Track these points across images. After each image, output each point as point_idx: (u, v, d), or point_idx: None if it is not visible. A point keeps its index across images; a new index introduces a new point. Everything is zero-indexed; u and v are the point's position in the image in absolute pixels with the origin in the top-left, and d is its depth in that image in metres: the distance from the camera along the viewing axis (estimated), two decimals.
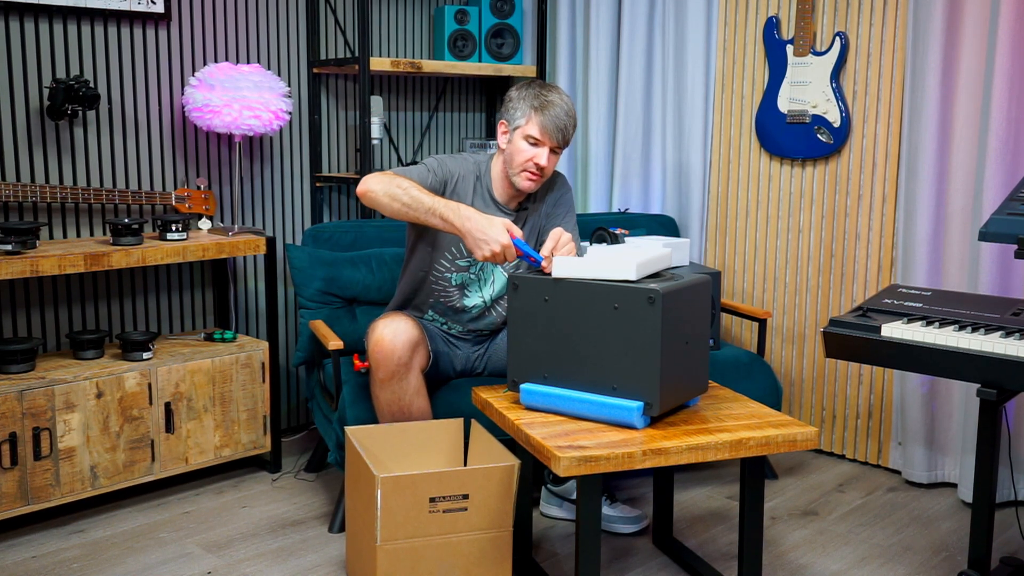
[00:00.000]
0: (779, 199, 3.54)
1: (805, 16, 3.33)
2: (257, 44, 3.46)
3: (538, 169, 2.64)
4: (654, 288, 2.06)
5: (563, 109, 2.62)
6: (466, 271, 2.76)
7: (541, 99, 2.62)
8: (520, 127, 2.64)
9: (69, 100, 2.87)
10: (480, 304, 2.80)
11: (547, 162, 2.63)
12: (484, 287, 2.79)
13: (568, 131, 2.64)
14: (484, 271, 2.78)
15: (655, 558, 2.68)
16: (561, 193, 2.85)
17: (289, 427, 3.67)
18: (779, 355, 3.59)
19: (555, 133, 2.61)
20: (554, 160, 2.66)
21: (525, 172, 2.65)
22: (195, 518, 2.92)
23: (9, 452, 2.65)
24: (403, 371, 2.54)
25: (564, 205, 2.84)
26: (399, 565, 2.27)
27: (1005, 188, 2.88)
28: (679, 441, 2.04)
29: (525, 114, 2.63)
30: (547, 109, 2.60)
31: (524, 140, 2.64)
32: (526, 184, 2.67)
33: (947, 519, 2.96)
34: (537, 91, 2.65)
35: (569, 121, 2.64)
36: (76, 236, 3.10)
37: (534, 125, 2.61)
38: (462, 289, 2.78)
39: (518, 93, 2.68)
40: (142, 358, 2.94)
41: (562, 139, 2.63)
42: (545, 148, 2.63)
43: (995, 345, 2.11)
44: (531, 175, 2.65)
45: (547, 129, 2.60)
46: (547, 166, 2.64)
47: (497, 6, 3.88)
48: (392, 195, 2.48)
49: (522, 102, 2.65)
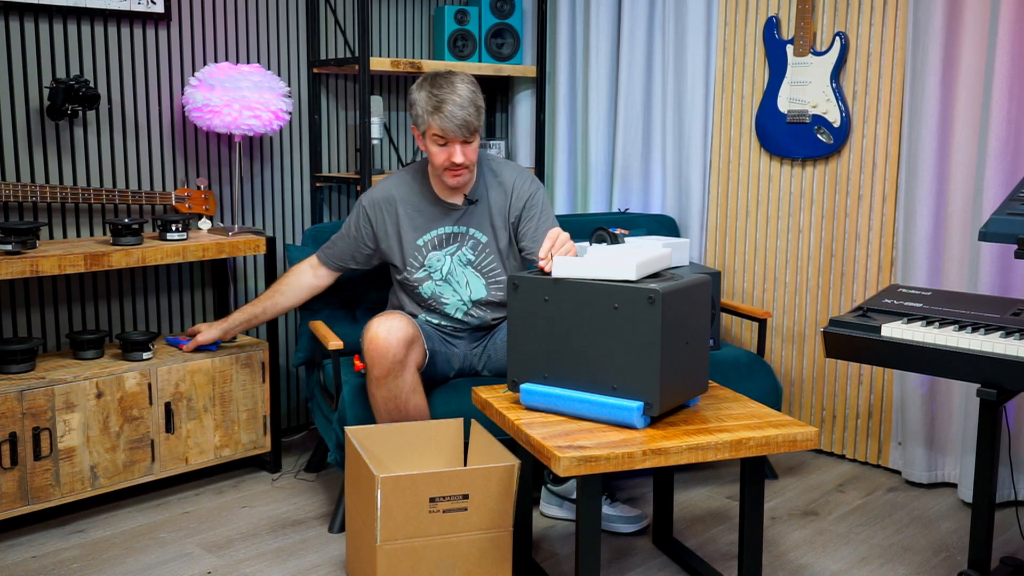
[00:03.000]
0: (779, 199, 3.54)
1: (805, 16, 3.33)
2: (257, 44, 3.46)
3: (456, 166, 2.65)
4: (654, 288, 2.06)
5: (457, 103, 2.59)
6: (430, 279, 2.78)
7: (434, 100, 2.61)
8: (426, 131, 2.65)
9: (69, 100, 2.87)
10: (461, 307, 2.81)
11: (463, 156, 2.64)
12: (460, 289, 2.80)
13: (471, 120, 2.61)
14: (452, 274, 2.79)
15: (655, 558, 2.69)
16: (532, 192, 2.82)
17: (289, 427, 3.67)
18: (779, 355, 3.59)
19: (458, 130, 2.60)
20: (470, 150, 2.65)
21: (447, 171, 2.67)
22: (195, 518, 2.92)
23: (9, 452, 2.65)
24: (398, 369, 2.54)
25: (537, 206, 2.82)
26: (399, 565, 2.27)
27: (1005, 188, 2.88)
28: (679, 441, 2.04)
29: (424, 119, 2.63)
30: (442, 108, 2.59)
31: (433, 143, 2.65)
32: (453, 181, 2.69)
33: (947, 519, 2.96)
34: (429, 91, 2.63)
35: (468, 110, 2.60)
36: (76, 236, 3.10)
37: (435, 128, 2.61)
38: (437, 299, 2.79)
39: (416, 96, 2.66)
40: (142, 358, 2.94)
41: (468, 131, 2.62)
42: (456, 144, 2.63)
43: (995, 345, 2.11)
44: (454, 173, 2.67)
45: (448, 129, 2.60)
46: (465, 159, 2.64)
47: (497, 6, 3.89)
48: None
49: (419, 106, 2.64)
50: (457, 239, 2.80)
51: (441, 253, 2.78)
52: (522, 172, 2.86)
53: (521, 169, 2.88)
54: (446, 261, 2.79)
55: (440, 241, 2.79)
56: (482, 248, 2.80)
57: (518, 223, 2.81)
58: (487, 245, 2.80)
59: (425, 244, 2.78)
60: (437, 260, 2.78)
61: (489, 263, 2.81)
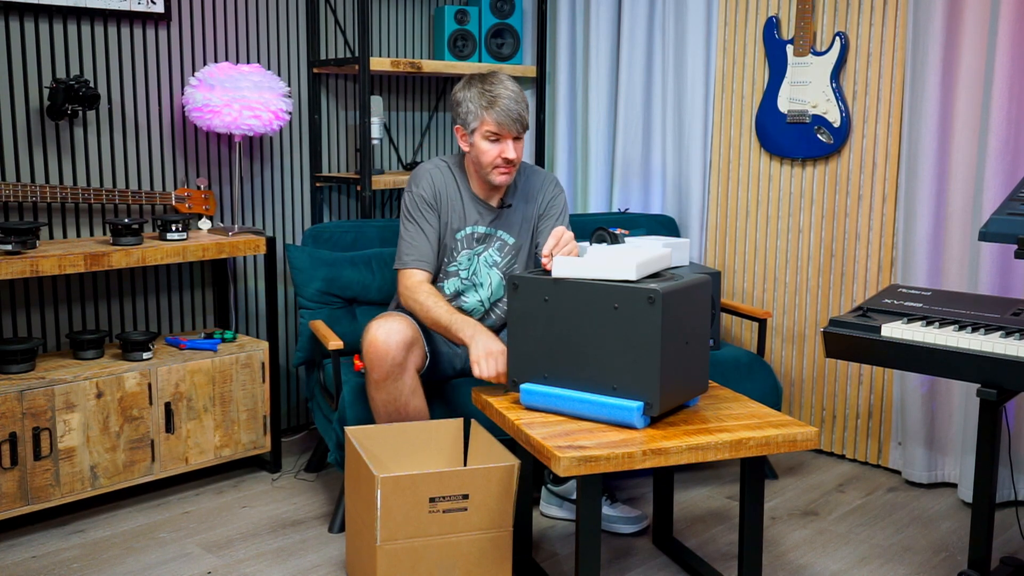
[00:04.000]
0: (779, 199, 3.54)
1: (805, 16, 3.33)
2: (257, 44, 3.46)
3: (508, 162, 2.66)
4: (654, 288, 2.06)
5: (511, 98, 2.62)
6: (456, 276, 2.78)
7: (487, 95, 2.62)
8: (476, 128, 2.65)
9: (69, 100, 2.87)
10: (479, 308, 2.81)
11: (515, 152, 2.65)
12: (481, 290, 2.80)
13: (523, 117, 2.64)
14: (478, 275, 2.79)
15: (655, 558, 2.68)
16: (555, 195, 2.86)
17: (289, 427, 3.67)
18: (779, 355, 3.59)
19: (512, 124, 2.62)
20: (520, 146, 2.68)
21: (497, 168, 2.67)
22: (195, 518, 2.92)
23: (9, 452, 2.65)
24: (398, 372, 2.53)
25: (557, 207, 2.85)
26: (399, 565, 2.27)
27: (1005, 188, 2.88)
28: (679, 441, 2.04)
29: (477, 115, 2.64)
30: (496, 103, 2.61)
31: (485, 140, 2.65)
32: (501, 179, 2.69)
33: (947, 519, 2.96)
34: (480, 88, 2.64)
35: (521, 106, 2.64)
36: (76, 236, 3.10)
37: (490, 123, 2.62)
38: (458, 296, 2.79)
39: (464, 95, 2.67)
40: (142, 358, 2.94)
41: (520, 127, 2.64)
42: (508, 140, 2.64)
43: (995, 345, 2.11)
44: (503, 170, 2.68)
45: (503, 123, 2.62)
46: (516, 156, 2.66)
47: (497, 6, 3.89)
48: (420, 317, 2.64)
49: (471, 103, 2.65)
50: (486, 240, 2.80)
51: (471, 252, 2.79)
52: (548, 176, 2.90)
53: (548, 174, 2.92)
54: (474, 261, 2.79)
55: (471, 240, 2.79)
56: (508, 250, 2.82)
57: (538, 222, 2.84)
58: (513, 247, 2.82)
59: (461, 240, 2.78)
60: (467, 259, 2.79)
61: (513, 265, 2.83)
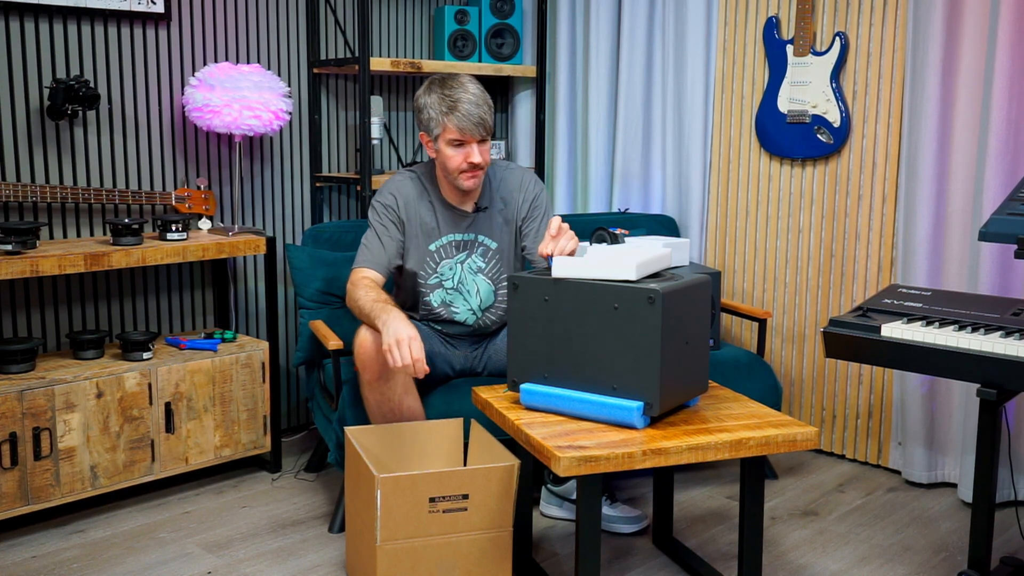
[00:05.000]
0: (779, 199, 3.54)
1: (805, 16, 3.33)
2: (257, 44, 3.46)
3: (474, 167, 2.63)
4: (654, 288, 2.06)
5: (472, 102, 2.58)
6: (441, 287, 2.76)
7: (447, 100, 2.58)
8: (440, 135, 2.62)
9: (69, 100, 2.87)
10: (471, 317, 2.79)
11: (480, 156, 2.61)
12: (470, 298, 2.78)
13: (486, 120, 2.60)
14: (464, 283, 2.77)
15: (655, 558, 2.68)
16: (536, 193, 2.81)
17: (289, 427, 3.67)
18: (779, 355, 3.59)
19: (475, 129, 2.59)
20: (486, 149, 2.64)
21: (464, 174, 2.64)
22: (195, 518, 2.92)
23: (9, 452, 2.65)
24: (388, 372, 2.52)
25: (541, 207, 2.81)
26: (399, 565, 2.27)
27: (1005, 188, 2.88)
28: (679, 441, 2.04)
29: (439, 121, 2.60)
30: (457, 108, 2.57)
31: (449, 146, 2.62)
32: (469, 184, 2.66)
33: (947, 519, 2.96)
34: (440, 93, 2.61)
35: (483, 109, 2.59)
36: (76, 236, 3.10)
37: (452, 129, 2.59)
38: (447, 307, 2.78)
39: (425, 100, 2.63)
40: (142, 358, 2.94)
41: (484, 130, 2.60)
42: (472, 144, 2.61)
43: (995, 345, 2.11)
44: (470, 174, 2.64)
45: (465, 128, 2.58)
46: (482, 160, 2.62)
47: (497, 6, 3.89)
48: (355, 311, 2.59)
49: (431, 109, 2.61)
50: (467, 247, 2.77)
51: (452, 261, 2.75)
52: (526, 173, 2.84)
53: (524, 170, 2.86)
54: (457, 270, 2.76)
55: (450, 249, 2.76)
56: (492, 255, 2.78)
57: (522, 224, 2.81)
58: (496, 251, 2.79)
59: (437, 250, 2.75)
60: (449, 268, 2.75)
61: (499, 270, 2.79)
